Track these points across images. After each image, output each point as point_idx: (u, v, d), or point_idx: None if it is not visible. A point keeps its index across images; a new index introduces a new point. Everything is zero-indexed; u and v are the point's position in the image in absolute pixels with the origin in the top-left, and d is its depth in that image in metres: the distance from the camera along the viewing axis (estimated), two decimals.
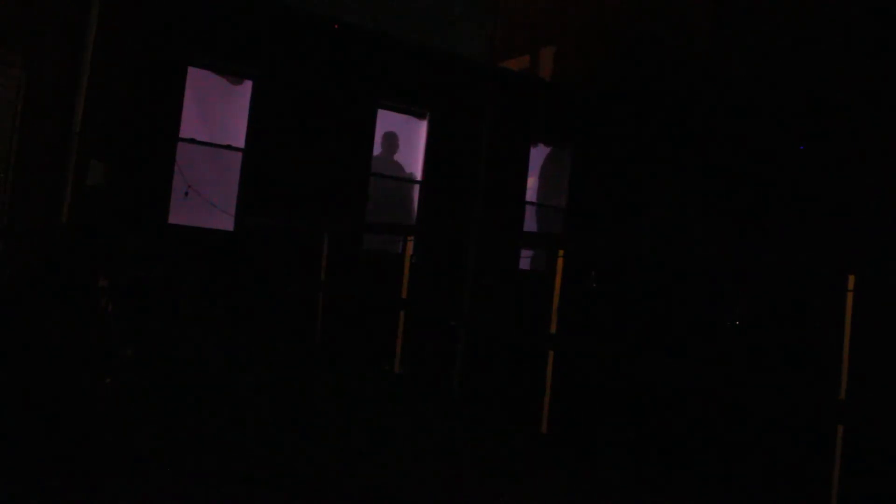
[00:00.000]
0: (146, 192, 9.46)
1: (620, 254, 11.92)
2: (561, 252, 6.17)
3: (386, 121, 11.65)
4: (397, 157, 11.84)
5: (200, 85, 10.02)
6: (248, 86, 10.36)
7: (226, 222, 10.12)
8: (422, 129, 11.91)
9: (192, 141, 9.85)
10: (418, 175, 11.86)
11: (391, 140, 11.76)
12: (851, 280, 4.27)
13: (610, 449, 6.38)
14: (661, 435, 7.37)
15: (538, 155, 13.37)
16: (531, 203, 13.25)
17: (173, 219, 9.68)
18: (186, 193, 9.70)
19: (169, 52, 9.61)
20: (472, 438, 5.47)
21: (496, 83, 10.79)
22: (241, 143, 10.24)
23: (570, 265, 6.47)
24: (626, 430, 7.42)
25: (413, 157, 11.91)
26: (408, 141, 11.89)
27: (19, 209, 8.73)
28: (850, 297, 4.24)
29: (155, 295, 9.17)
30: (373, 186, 11.37)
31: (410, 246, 7.90)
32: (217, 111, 10.19)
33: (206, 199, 9.83)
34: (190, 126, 9.85)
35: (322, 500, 3.89)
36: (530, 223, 13.27)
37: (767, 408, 6.60)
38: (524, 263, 13.27)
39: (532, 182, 13.37)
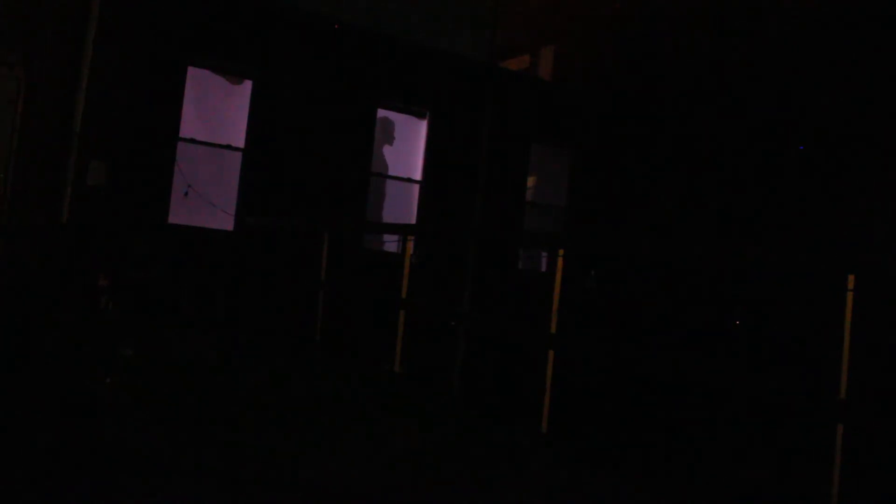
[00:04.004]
0: (146, 192, 9.46)
1: (620, 253, 11.92)
2: (561, 252, 6.17)
3: (386, 120, 11.66)
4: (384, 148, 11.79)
5: (200, 85, 10.03)
6: (248, 86, 10.36)
7: (226, 222, 10.12)
8: (422, 129, 11.91)
9: (192, 141, 9.86)
10: (418, 175, 11.86)
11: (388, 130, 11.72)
12: (851, 280, 4.27)
13: (610, 448, 6.38)
14: (661, 434, 7.38)
15: (538, 155, 13.36)
16: (531, 203, 13.25)
17: (173, 219, 9.68)
18: (186, 193, 9.71)
19: (169, 52, 9.61)
20: (472, 438, 5.47)
21: (496, 83, 10.78)
22: (241, 143, 10.24)
23: (571, 265, 6.48)
24: (626, 430, 7.42)
25: (406, 153, 11.90)
26: (407, 140, 11.89)
27: (19, 209, 8.73)
28: (850, 297, 4.24)
29: (155, 295, 9.18)
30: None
31: (410, 246, 7.89)
32: (217, 111, 10.19)
33: (206, 198, 9.83)
34: (190, 126, 9.85)
35: (322, 501, 3.89)
36: (530, 223, 13.26)
37: (768, 407, 6.60)
38: (524, 263, 13.28)
39: (532, 182, 13.38)
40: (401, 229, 10.17)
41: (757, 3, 11.87)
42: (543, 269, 12.76)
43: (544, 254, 12.73)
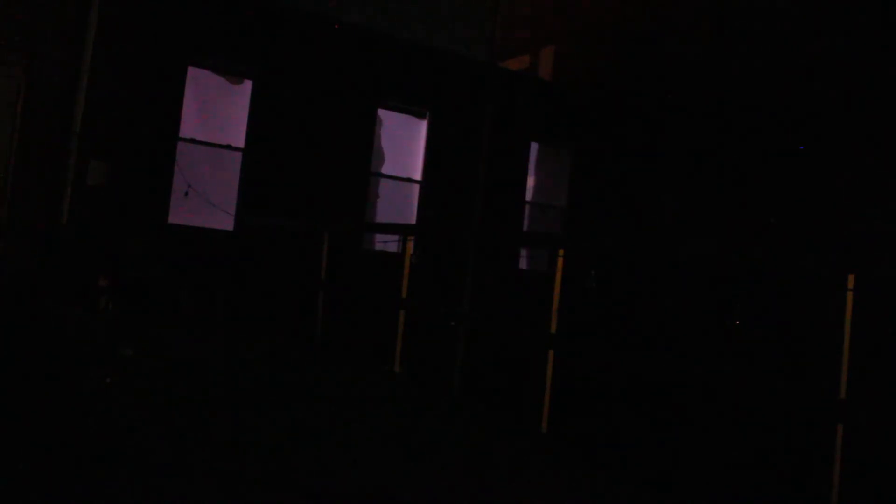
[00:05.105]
0: (146, 192, 9.47)
1: (620, 254, 11.92)
2: (561, 252, 6.17)
3: (386, 121, 11.66)
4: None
5: (200, 85, 10.03)
6: (248, 86, 10.36)
7: (226, 222, 10.12)
8: (422, 129, 11.91)
9: (192, 141, 9.86)
10: (418, 175, 11.86)
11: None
12: (851, 280, 4.27)
13: (610, 448, 6.38)
14: (661, 434, 7.38)
15: (538, 154, 13.36)
16: (531, 203, 13.25)
17: (173, 219, 9.68)
18: (186, 193, 9.71)
19: (169, 52, 9.61)
20: (472, 438, 5.47)
21: (496, 83, 10.79)
22: (241, 143, 10.24)
23: (571, 265, 6.47)
24: (626, 430, 7.42)
25: (406, 153, 11.90)
26: (407, 140, 11.89)
27: (19, 209, 8.73)
28: (850, 297, 4.24)
29: (155, 295, 9.17)
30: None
31: (410, 246, 7.89)
32: (217, 111, 10.19)
33: (206, 198, 9.84)
34: (190, 126, 9.85)
35: (322, 501, 3.89)
36: (530, 223, 13.26)
37: (768, 407, 6.60)
38: (524, 263, 13.28)
39: (532, 182, 13.38)
40: (401, 229, 10.18)
41: (757, 3, 11.86)
42: (545, 269, 12.76)
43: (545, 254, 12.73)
